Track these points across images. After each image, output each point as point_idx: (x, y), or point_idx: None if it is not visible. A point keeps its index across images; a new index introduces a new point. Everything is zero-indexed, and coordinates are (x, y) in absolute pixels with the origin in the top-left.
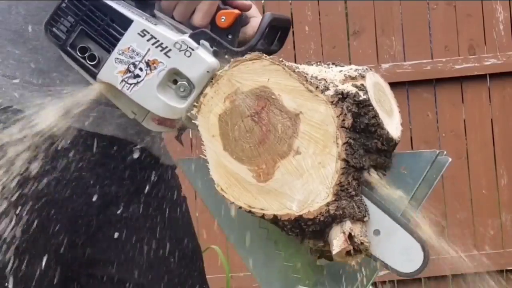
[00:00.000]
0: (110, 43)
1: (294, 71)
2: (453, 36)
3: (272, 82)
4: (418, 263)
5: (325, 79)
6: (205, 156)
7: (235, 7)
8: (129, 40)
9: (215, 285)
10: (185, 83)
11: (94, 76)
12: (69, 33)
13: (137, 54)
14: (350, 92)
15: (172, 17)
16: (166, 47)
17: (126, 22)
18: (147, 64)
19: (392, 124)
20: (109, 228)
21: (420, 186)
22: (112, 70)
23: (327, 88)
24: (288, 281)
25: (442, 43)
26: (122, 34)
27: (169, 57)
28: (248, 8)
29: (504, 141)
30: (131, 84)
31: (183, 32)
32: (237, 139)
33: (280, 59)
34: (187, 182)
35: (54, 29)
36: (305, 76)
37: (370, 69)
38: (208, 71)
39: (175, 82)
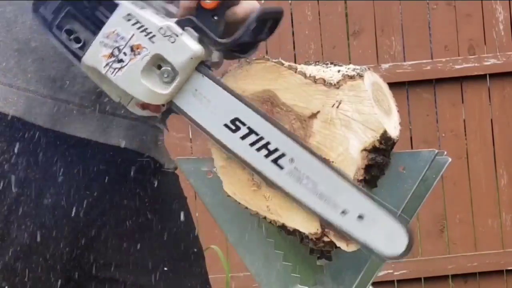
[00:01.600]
0: (96, 26)
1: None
2: (453, 36)
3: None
4: (402, 247)
5: (323, 79)
6: (206, 156)
7: None
8: (114, 23)
9: (215, 285)
10: (169, 68)
11: (79, 58)
12: (55, 14)
13: (122, 38)
14: None
15: None
16: (151, 32)
17: (112, 5)
18: (131, 48)
19: (391, 123)
20: (110, 231)
21: (420, 187)
22: (96, 54)
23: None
24: (287, 281)
25: (442, 43)
26: (108, 17)
27: (153, 42)
28: None
29: (504, 141)
30: (115, 68)
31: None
32: None
33: (288, 63)
34: (187, 182)
35: (41, 9)
36: (312, 77)
37: (369, 69)
38: (192, 58)
39: (159, 67)
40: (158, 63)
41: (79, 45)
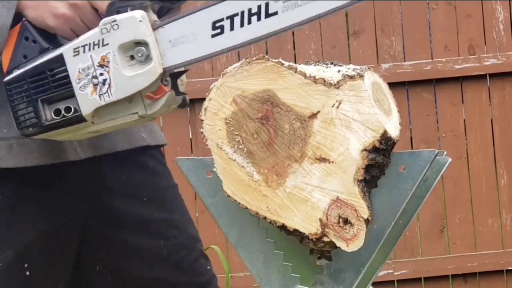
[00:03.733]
0: (65, 87)
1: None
2: (453, 36)
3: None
4: None
5: (323, 79)
6: (206, 156)
7: None
8: (73, 66)
9: None
10: (138, 48)
11: (82, 120)
12: (36, 113)
13: (88, 68)
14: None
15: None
16: (99, 40)
17: (59, 60)
18: (101, 65)
19: (391, 123)
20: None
21: (420, 187)
22: (87, 99)
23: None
24: (287, 280)
25: (442, 43)
26: (66, 70)
27: (107, 43)
28: None
29: (504, 141)
30: (106, 92)
31: None
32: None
33: (288, 63)
34: (187, 182)
35: (23, 124)
36: (312, 77)
37: (369, 69)
38: (140, 20)
39: (132, 58)
40: (128, 54)
41: (72, 111)
